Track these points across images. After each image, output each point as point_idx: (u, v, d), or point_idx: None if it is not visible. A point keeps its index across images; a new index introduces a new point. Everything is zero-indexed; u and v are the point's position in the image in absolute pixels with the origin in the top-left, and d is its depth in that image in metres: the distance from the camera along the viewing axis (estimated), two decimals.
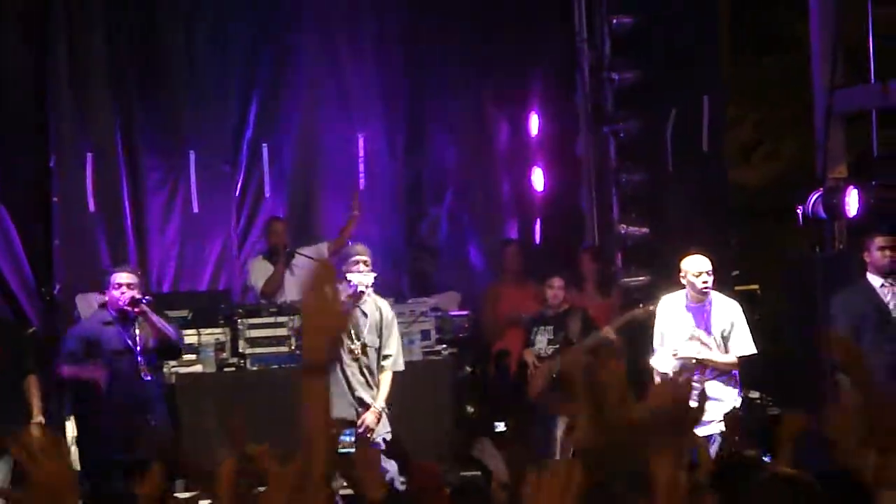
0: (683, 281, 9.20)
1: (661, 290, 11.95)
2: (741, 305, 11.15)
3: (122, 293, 9.03)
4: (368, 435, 8.97)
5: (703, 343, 9.15)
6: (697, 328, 9.17)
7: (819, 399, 9.50)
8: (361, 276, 9.00)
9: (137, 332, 9.06)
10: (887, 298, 9.43)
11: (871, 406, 3.83)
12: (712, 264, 9.24)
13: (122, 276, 9.13)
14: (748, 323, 9.40)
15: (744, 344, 9.25)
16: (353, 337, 9.08)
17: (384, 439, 9.12)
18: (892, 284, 9.44)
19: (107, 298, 9.27)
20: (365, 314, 9.12)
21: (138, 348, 9.02)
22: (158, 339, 9.08)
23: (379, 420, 9.07)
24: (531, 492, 3.04)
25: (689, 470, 3.53)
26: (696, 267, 9.17)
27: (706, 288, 9.16)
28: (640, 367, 9.70)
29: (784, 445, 4.76)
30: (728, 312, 9.27)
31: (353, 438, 8.76)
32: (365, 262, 9.11)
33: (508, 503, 4.39)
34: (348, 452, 3.81)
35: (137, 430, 8.92)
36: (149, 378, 9.03)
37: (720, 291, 9.56)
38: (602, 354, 10.29)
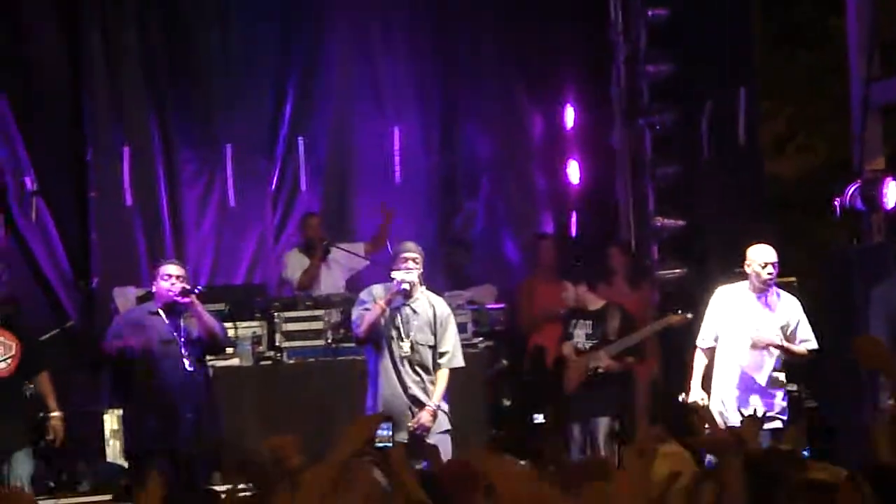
0: (748, 270, 9.11)
1: (696, 282, 11.98)
2: None
3: (173, 284, 9.03)
4: (423, 433, 8.94)
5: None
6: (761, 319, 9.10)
7: (857, 393, 9.46)
8: (404, 274, 8.95)
9: (183, 323, 9.07)
10: None
11: None
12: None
13: (172, 268, 9.13)
14: None
15: (811, 339, 9.20)
16: (403, 335, 9.03)
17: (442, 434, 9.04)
18: None
19: (151, 291, 9.27)
20: (416, 311, 9.07)
21: (182, 339, 9.03)
22: (205, 332, 9.07)
23: (434, 418, 9.00)
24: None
25: None
26: (762, 257, 9.09)
27: (771, 279, 9.08)
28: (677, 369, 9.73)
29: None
30: (792, 307, 9.21)
31: (390, 433, 8.74)
32: (414, 260, 9.06)
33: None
34: (385, 447, 3.82)
35: (179, 421, 8.94)
36: (192, 369, 9.03)
37: None
38: (637, 356, 10.31)
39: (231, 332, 10.62)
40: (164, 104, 12.37)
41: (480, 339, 11.05)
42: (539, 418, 11.34)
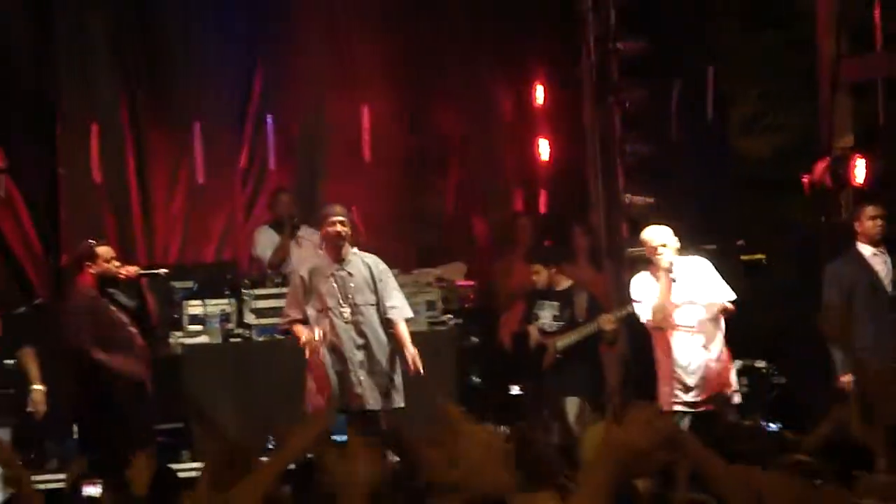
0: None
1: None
2: (746, 274, 11.18)
3: (118, 266, 9.01)
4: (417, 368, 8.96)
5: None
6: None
7: (824, 368, 9.51)
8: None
9: (126, 301, 9.05)
10: (878, 267, 9.47)
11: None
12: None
13: (109, 250, 9.10)
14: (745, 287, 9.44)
15: (724, 293, 9.22)
16: (341, 300, 9.03)
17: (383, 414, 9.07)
18: (882, 253, 9.47)
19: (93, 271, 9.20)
20: (351, 273, 9.07)
21: (130, 317, 9.01)
22: (143, 313, 9.06)
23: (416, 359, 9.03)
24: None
25: None
26: (654, 240, 9.14)
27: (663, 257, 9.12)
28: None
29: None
30: (697, 269, 9.23)
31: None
32: (342, 223, 9.09)
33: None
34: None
35: (142, 398, 8.93)
36: (141, 346, 9.02)
37: (723, 261, 9.58)
38: (603, 340, 10.34)
39: (200, 310, 10.64)
40: (132, 81, 12.34)
41: (450, 315, 11.06)
42: (515, 390, 11.34)
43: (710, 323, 9.20)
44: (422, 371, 9.03)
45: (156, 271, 9.17)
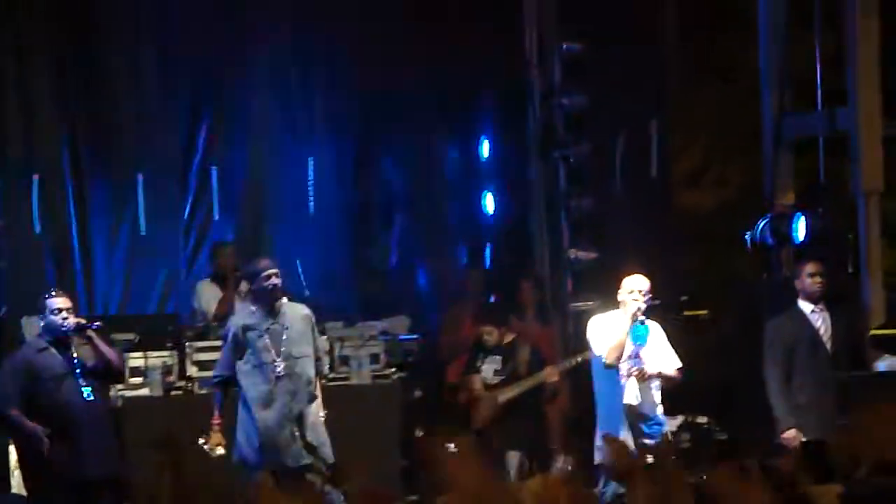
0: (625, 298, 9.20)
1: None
2: (689, 329, 11.23)
3: (65, 318, 8.92)
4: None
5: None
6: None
7: (766, 424, 9.54)
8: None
9: (75, 354, 8.96)
10: (818, 324, 9.53)
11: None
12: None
13: (61, 301, 8.97)
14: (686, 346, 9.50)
15: (675, 359, 9.27)
16: (275, 354, 8.95)
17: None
18: (822, 310, 9.53)
19: (42, 324, 9.10)
20: (285, 326, 9.00)
21: (78, 370, 8.92)
22: (102, 363, 8.98)
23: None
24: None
25: None
26: (634, 285, 9.18)
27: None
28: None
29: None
30: (656, 331, 9.30)
31: None
32: (276, 275, 9.04)
33: None
34: None
35: (85, 452, 8.83)
36: (92, 398, 8.93)
37: (667, 316, 9.61)
38: (546, 393, 10.33)
39: (141, 362, 10.55)
40: (75, 132, 12.27)
41: (393, 370, 11.02)
42: (452, 447, 11.28)
43: (655, 381, 9.21)
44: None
45: (91, 325, 9.05)
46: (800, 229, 11.27)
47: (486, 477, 3.37)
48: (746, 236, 11.61)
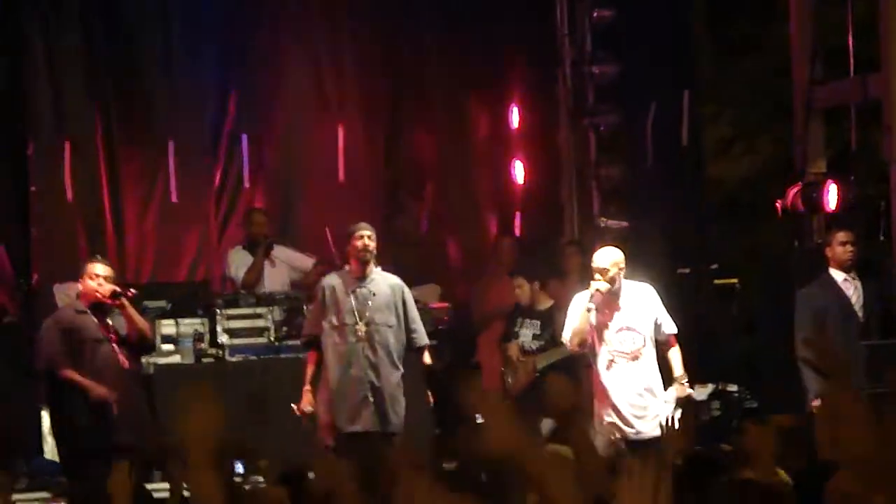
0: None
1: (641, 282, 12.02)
2: (720, 299, 11.20)
3: (100, 284, 8.99)
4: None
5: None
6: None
7: (795, 392, 9.53)
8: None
9: (110, 322, 9.04)
10: (849, 292, 9.51)
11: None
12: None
13: (100, 268, 9.08)
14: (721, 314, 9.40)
15: (668, 323, 9.02)
16: (358, 317, 8.99)
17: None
18: (854, 279, 9.51)
19: (80, 288, 9.19)
20: (372, 292, 9.05)
21: (114, 337, 8.99)
22: (135, 333, 9.05)
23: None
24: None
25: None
26: (598, 262, 9.01)
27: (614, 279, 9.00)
28: None
29: (758, 455, 4.66)
30: (643, 297, 9.02)
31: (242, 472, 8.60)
32: (369, 237, 9.10)
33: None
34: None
35: (119, 420, 8.89)
36: (127, 366, 9.00)
37: (698, 285, 9.60)
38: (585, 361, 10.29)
39: (172, 329, 10.60)
40: (106, 99, 12.30)
41: None
42: (480, 418, 11.31)
43: (647, 352, 9.00)
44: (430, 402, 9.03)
45: (124, 292, 9.10)
46: (831, 198, 11.22)
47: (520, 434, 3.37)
48: (777, 205, 11.56)
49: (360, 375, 8.96)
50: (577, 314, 8.83)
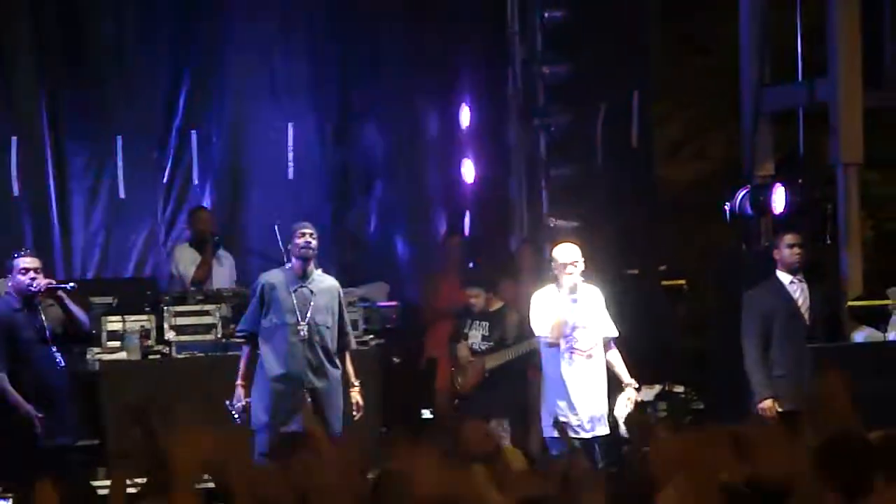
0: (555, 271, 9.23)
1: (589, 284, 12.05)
2: (668, 300, 11.25)
3: (33, 278, 8.74)
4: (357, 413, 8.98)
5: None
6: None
7: (742, 394, 9.57)
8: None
9: (44, 317, 8.85)
10: (796, 295, 9.55)
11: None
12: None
13: (28, 261, 8.80)
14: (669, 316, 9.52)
15: (609, 326, 9.31)
16: (300, 317, 8.95)
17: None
18: (800, 281, 9.56)
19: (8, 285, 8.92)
20: (313, 292, 9.01)
21: (49, 335, 8.81)
22: (72, 326, 8.86)
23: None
24: None
25: None
26: (565, 257, 9.19)
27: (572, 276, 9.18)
28: None
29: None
30: (595, 297, 9.31)
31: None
32: (311, 235, 9.07)
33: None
34: None
35: (62, 417, 8.80)
36: (64, 364, 8.86)
37: (646, 286, 9.64)
38: (532, 362, 10.32)
39: (119, 326, 10.52)
40: (55, 94, 12.21)
41: (371, 336, 11.02)
42: (427, 413, 11.34)
43: (598, 352, 9.21)
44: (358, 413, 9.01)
45: (63, 285, 8.97)
46: (778, 200, 11.29)
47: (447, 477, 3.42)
48: (726, 207, 11.62)
49: (300, 375, 8.93)
50: (555, 307, 9.00)
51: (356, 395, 9.11)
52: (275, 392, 8.93)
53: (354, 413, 9.07)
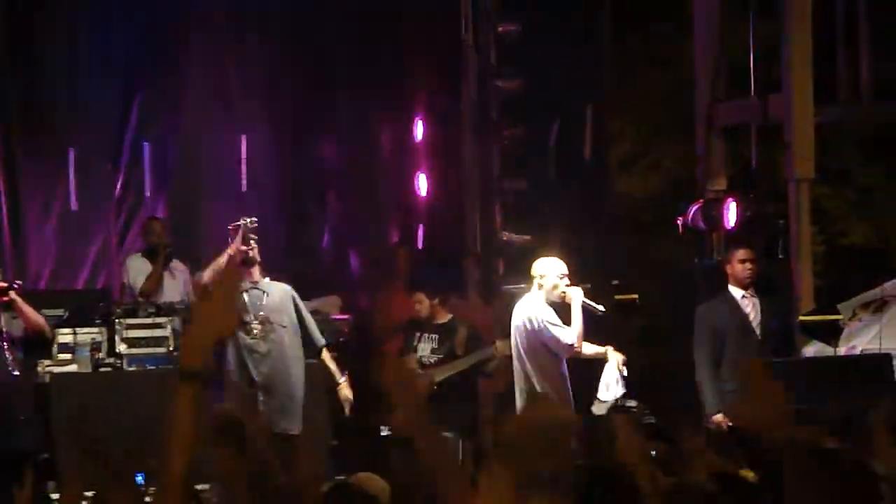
0: (544, 283, 9.40)
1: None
2: (620, 314, 11.30)
3: None
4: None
5: None
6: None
7: (693, 407, 9.60)
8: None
9: (2, 324, 8.82)
10: (748, 310, 9.58)
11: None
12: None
13: None
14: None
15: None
16: (252, 314, 8.97)
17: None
18: (752, 296, 9.59)
19: None
20: (265, 293, 9.06)
21: (4, 342, 8.78)
22: (32, 328, 8.84)
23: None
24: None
25: None
26: (559, 269, 9.39)
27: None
28: None
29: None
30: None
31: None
32: (255, 231, 9.14)
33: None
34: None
35: (9, 426, 8.73)
36: (18, 373, 8.81)
37: (596, 300, 9.66)
38: (488, 370, 10.32)
39: (70, 338, 10.44)
40: (6, 108, 12.15)
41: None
42: (385, 431, 11.30)
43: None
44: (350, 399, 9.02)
45: (10, 285, 8.92)
46: (730, 215, 11.35)
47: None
48: (678, 221, 11.66)
49: (253, 375, 8.95)
50: (576, 317, 9.23)
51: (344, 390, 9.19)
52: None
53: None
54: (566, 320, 9.38)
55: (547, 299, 9.33)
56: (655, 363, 11.83)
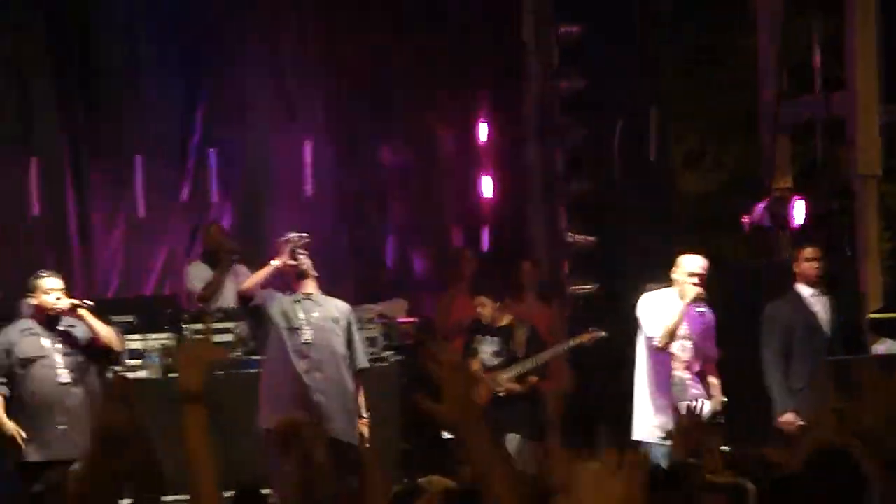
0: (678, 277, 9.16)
1: (606, 299, 12.04)
2: None
3: (59, 298, 8.87)
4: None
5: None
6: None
7: (763, 408, 9.56)
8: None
9: (62, 335, 8.91)
10: (815, 308, 9.52)
11: None
12: None
13: (52, 282, 8.93)
14: None
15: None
16: (305, 322, 9.00)
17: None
18: (819, 294, 9.53)
19: (29, 304, 9.05)
20: (318, 303, 9.08)
21: (60, 352, 8.87)
22: (98, 344, 8.94)
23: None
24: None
25: None
26: (692, 266, 9.15)
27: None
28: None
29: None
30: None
31: None
32: (306, 246, 9.17)
33: None
34: None
35: (52, 434, 8.81)
36: (67, 381, 8.88)
37: None
38: (539, 375, 10.29)
39: (140, 344, 10.52)
40: (74, 115, 12.26)
41: (391, 352, 11.02)
42: (447, 434, 11.31)
43: (696, 367, 9.23)
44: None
45: (82, 304, 9.02)
46: (798, 213, 11.28)
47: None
48: (744, 220, 11.61)
49: (305, 379, 8.98)
50: (671, 312, 8.97)
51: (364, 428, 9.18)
52: (279, 404, 8.97)
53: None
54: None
55: (679, 294, 9.21)
56: (720, 362, 11.74)
